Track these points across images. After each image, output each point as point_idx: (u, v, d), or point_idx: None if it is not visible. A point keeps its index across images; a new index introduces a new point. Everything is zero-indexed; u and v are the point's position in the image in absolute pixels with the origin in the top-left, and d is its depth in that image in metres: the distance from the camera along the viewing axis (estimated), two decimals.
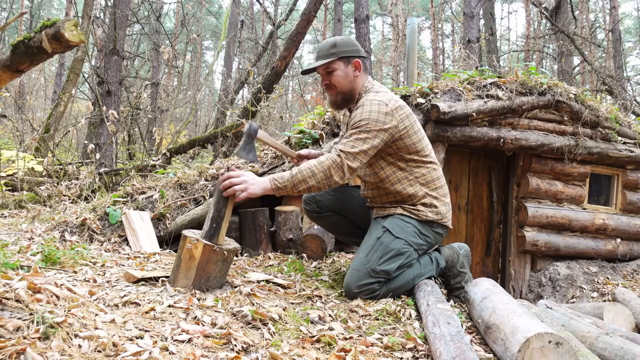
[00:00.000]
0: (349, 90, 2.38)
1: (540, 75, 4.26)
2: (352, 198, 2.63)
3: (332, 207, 2.61)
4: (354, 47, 2.38)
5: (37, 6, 19.32)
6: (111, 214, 2.94)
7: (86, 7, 7.31)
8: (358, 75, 2.37)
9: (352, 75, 2.36)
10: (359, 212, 2.61)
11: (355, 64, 2.36)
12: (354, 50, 2.37)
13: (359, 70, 2.37)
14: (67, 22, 1.50)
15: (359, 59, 2.37)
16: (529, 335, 1.43)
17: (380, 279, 2.25)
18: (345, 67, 2.35)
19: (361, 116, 2.23)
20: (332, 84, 2.37)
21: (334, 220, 2.65)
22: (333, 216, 2.64)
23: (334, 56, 2.34)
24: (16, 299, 1.37)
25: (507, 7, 24.34)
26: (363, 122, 2.22)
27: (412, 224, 2.35)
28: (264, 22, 17.98)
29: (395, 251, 2.28)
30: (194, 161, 6.43)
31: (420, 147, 2.36)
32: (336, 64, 2.35)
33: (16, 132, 7.18)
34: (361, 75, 2.39)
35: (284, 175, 2.15)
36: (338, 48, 2.35)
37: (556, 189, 4.25)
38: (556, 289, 4.03)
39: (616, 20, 13.19)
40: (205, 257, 1.98)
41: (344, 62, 2.35)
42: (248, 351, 1.49)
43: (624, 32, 21.20)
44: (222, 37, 9.97)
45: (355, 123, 2.24)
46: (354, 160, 2.20)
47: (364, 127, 2.21)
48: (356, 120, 2.24)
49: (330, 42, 2.39)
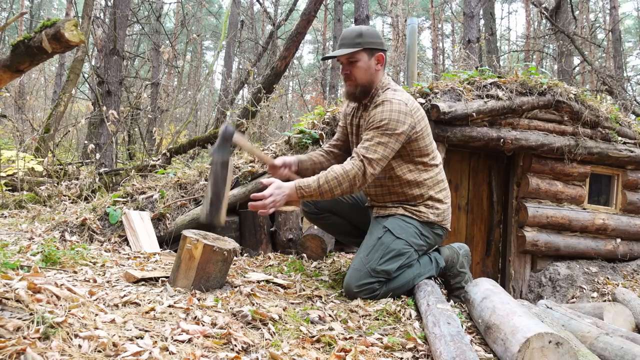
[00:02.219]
0: (368, 83, 2.31)
1: (540, 75, 4.26)
2: (348, 198, 2.62)
3: (329, 207, 2.59)
4: (379, 40, 2.32)
5: (37, 6, 19.32)
6: (111, 214, 2.94)
7: (86, 7, 7.31)
8: (379, 70, 2.31)
9: (373, 69, 2.30)
10: (357, 212, 2.61)
11: (378, 57, 2.29)
12: (379, 43, 2.31)
13: (381, 64, 2.31)
14: (67, 22, 1.50)
15: (383, 52, 2.30)
16: (529, 335, 1.43)
17: (381, 279, 2.25)
18: (368, 59, 2.28)
19: (382, 115, 2.20)
20: (353, 74, 2.30)
21: (332, 220, 2.64)
22: (331, 217, 2.62)
23: (358, 46, 2.26)
24: (16, 299, 1.37)
25: (507, 7, 24.36)
26: (384, 122, 2.18)
27: (413, 225, 2.35)
28: (264, 22, 17.98)
29: (396, 251, 2.28)
30: (194, 161, 6.43)
31: (430, 150, 2.36)
32: (360, 54, 2.27)
33: (16, 132, 7.17)
34: (381, 70, 2.33)
35: (310, 185, 2.13)
36: (364, 38, 2.27)
37: (556, 189, 4.25)
38: (556, 289, 4.03)
39: (616, 20, 13.19)
40: (205, 257, 1.98)
41: (367, 53, 2.27)
42: (248, 351, 1.49)
43: (624, 32, 21.20)
44: (222, 37, 9.97)
45: (376, 122, 2.20)
46: (376, 167, 2.19)
47: (385, 128, 2.18)
48: (377, 120, 2.20)
49: (356, 31, 2.31)
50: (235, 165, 3.42)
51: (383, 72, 2.36)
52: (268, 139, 5.51)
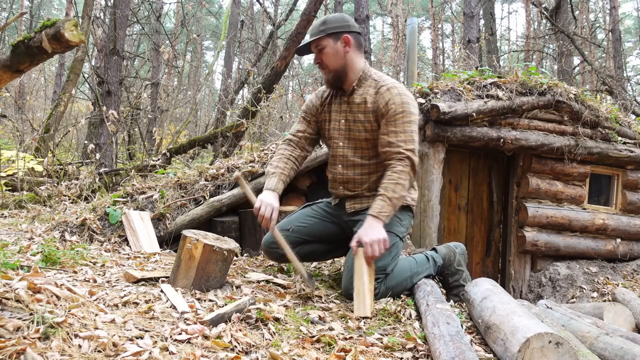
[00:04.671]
0: (341, 67, 2.30)
1: (540, 75, 4.26)
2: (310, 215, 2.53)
3: (296, 240, 2.43)
4: (344, 23, 2.32)
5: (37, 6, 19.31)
6: (111, 214, 2.94)
7: (86, 7, 7.31)
8: (348, 51, 2.30)
9: (342, 52, 2.28)
10: (323, 224, 2.52)
11: (344, 39, 2.28)
12: (344, 26, 2.30)
13: (349, 46, 2.29)
14: (67, 22, 1.50)
15: (349, 34, 2.29)
16: (529, 336, 1.43)
17: (378, 276, 2.25)
18: (334, 43, 2.28)
19: (401, 99, 2.22)
20: (324, 62, 2.30)
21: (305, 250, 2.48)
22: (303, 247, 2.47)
23: (322, 33, 2.28)
24: (16, 299, 1.37)
25: (507, 7, 24.35)
26: (405, 107, 2.22)
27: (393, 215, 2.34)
28: (264, 22, 17.98)
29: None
30: (194, 161, 6.43)
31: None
32: (325, 40, 2.28)
33: (16, 132, 7.17)
34: (353, 52, 2.31)
35: (384, 206, 2.14)
36: (327, 25, 2.29)
37: (556, 189, 4.25)
38: (556, 289, 4.03)
39: (616, 20, 13.19)
40: (205, 257, 1.98)
41: (333, 38, 2.28)
42: (248, 351, 1.49)
43: (624, 32, 21.19)
44: (222, 37, 9.97)
45: (397, 106, 2.21)
46: (416, 153, 2.23)
47: (409, 112, 2.22)
48: (397, 103, 2.21)
49: (320, 20, 2.35)
50: (235, 165, 3.43)
51: (359, 55, 2.34)
52: (268, 139, 5.51)
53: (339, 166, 2.42)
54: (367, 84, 2.31)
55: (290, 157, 2.45)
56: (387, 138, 2.23)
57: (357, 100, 2.31)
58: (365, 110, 2.30)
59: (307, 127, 2.51)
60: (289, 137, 2.52)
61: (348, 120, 2.36)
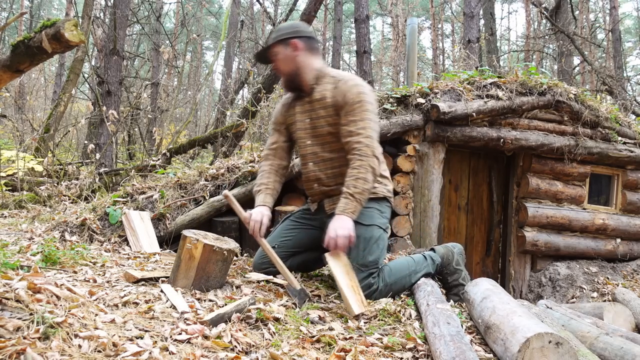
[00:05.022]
0: (293, 70, 2.41)
1: (540, 75, 4.26)
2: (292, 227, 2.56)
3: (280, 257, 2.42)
4: (292, 29, 2.44)
5: (37, 6, 19.31)
6: (111, 214, 2.94)
7: (86, 7, 7.31)
8: (298, 55, 2.40)
9: (292, 56, 2.40)
10: (308, 232, 2.54)
11: (292, 44, 2.39)
12: (292, 32, 2.42)
13: (298, 49, 2.39)
14: (67, 22, 1.50)
15: (298, 39, 2.40)
16: (529, 335, 1.43)
17: (372, 271, 2.26)
18: (284, 49, 2.40)
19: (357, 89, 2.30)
20: (278, 68, 2.44)
21: (297, 261, 2.53)
22: (293, 260, 2.51)
23: (273, 41, 2.43)
24: (16, 299, 1.37)
25: (507, 7, 24.35)
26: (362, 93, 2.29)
27: (372, 207, 2.38)
28: (264, 22, 17.98)
29: (373, 239, 2.31)
30: (194, 161, 6.42)
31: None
32: (276, 48, 2.42)
33: (16, 132, 7.17)
34: (304, 55, 2.41)
35: (347, 202, 2.20)
36: (276, 33, 2.44)
37: (556, 189, 4.25)
38: (556, 289, 4.03)
39: (616, 20, 13.19)
40: (205, 257, 1.98)
41: (282, 44, 2.40)
42: (248, 351, 1.49)
43: (624, 32, 21.19)
44: (222, 37, 9.97)
45: (355, 96, 2.28)
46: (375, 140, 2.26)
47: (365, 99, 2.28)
48: (354, 93, 2.29)
49: (272, 31, 2.50)
50: (235, 165, 3.42)
51: (312, 57, 2.44)
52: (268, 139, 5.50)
53: (310, 164, 2.49)
54: (325, 81, 2.41)
55: (271, 172, 2.56)
56: (347, 128, 2.30)
57: (317, 97, 2.40)
58: (325, 105, 2.38)
59: (279, 136, 2.62)
60: (266, 153, 2.64)
61: (312, 118, 2.44)
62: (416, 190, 3.84)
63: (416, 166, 3.83)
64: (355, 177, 2.22)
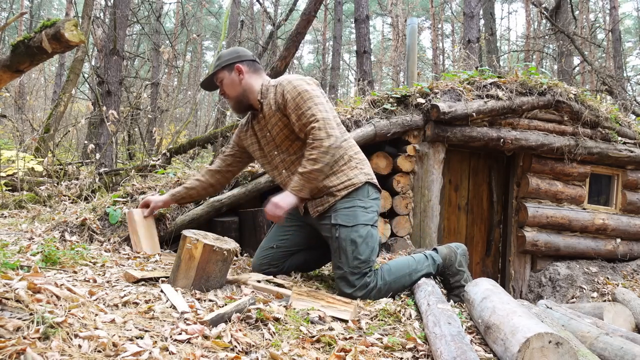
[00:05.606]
0: (240, 93, 2.47)
1: (540, 75, 4.26)
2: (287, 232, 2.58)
3: (280, 256, 2.53)
4: (235, 54, 2.49)
5: (37, 6, 19.32)
6: (111, 214, 2.94)
7: (86, 7, 7.31)
8: (243, 78, 2.45)
9: (237, 80, 2.45)
10: (305, 231, 2.56)
11: (236, 68, 2.45)
12: (234, 57, 2.47)
13: (242, 73, 2.45)
14: (67, 22, 1.50)
15: (241, 63, 2.46)
16: (529, 335, 1.43)
17: (365, 270, 2.26)
18: (229, 74, 2.46)
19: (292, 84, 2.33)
20: (225, 93, 2.49)
21: (296, 261, 2.57)
22: (294, 258, 2.56)
23: (217, 67, 2.48)
24: (16, 299, 1.37)
25: (507, 7, 24.35)
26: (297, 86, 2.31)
27: (354, 206, 2.34)
28: (264, 22, 17.98)
29: (361, 238, 2.29)
30: (194, 161, 6.42)
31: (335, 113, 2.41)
32: (221, 73, 2.47)
33: (16, 132, 7.18)
34: (248, 77, 2.46)
35: (297, 181, 2.27)
36: (220, 60, 2.49)
37: (556, 189, 4.25)
38: (556, 289, 4.03)
39: (616, 20, 13.19)
40: (205, 257, 1.98)
41: (227, 70, 2.46)
42: (248, 351, 1.49)
43: (624, 32, 21.20)
44: (222, 37, 9.97)
45: (292, 91, 2.31)
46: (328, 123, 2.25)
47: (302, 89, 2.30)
48: (290, 89, 2.32)
49: (217, 57, 2.54)
50: None
51: (257, 76, 2.49)
52: None
53: (283, 172, 2.49)
54: (269, 92, 2.44)
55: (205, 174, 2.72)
56: (300, 122, 2.31)
57: (266, 109, 2.44)
58: (274, 113, 2.40)
59: (231, 151, 2.70)
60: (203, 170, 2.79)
61: (270, 130, 2.46)
62: (416, 190, 3.84)
63: (416, 166, 3.83)
64: (306, 158, 2.25)
